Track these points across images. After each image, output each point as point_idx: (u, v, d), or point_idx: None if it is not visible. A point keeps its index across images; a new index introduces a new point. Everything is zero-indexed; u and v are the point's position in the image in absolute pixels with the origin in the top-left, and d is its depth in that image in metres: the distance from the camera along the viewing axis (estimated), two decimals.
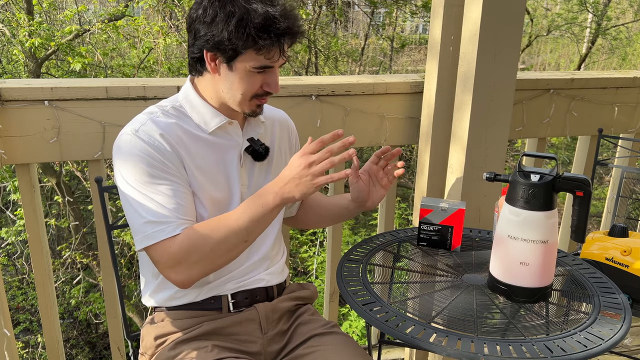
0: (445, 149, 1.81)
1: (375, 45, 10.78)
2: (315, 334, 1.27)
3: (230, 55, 1.13)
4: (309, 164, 1.07)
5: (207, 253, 1.12)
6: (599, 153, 2.11)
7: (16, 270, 6.16)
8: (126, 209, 1.16)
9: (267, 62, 1.14)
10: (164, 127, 1.18)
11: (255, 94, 1.18)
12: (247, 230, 1.13)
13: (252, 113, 1.22)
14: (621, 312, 1.15)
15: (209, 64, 1.16)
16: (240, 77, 1.15)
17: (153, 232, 1.12)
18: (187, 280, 1.15)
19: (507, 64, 1.63)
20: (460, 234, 1.43)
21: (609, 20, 9.95)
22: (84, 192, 6.68)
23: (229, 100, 1.20)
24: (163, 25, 6.30)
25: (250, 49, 1.11)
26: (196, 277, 1.16)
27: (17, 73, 7.01)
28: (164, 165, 1.15)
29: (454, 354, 1.00)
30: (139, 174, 1.13)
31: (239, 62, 1.14)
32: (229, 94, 1.18)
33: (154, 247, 1.13)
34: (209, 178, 1.22)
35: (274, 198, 1.11)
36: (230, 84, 1.17)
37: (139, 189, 1.13)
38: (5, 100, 1.52)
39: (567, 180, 1.15)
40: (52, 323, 1.77)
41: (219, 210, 1.22)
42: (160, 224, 1.11)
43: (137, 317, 5.86)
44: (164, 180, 1.14)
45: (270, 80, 1.18)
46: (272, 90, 1.19)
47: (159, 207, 1.12)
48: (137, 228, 1.14)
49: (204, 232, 1.12)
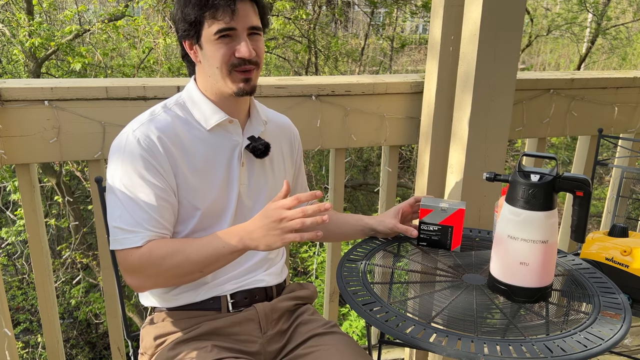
0: (445, 149, 1.81)
1: (375, 45, 10.78)
2: (315, 333, 1.27)
3: (194, 32, 1.17)
4: (280, 219, 1.04)
5: (161, 272, 1.15)
6: (599, 153, 2.11)
7: (16, 270, 6.16)
8: (107, 204, 1.20)
9: (223, 24, 1.14)
10: (163, 127, 1.19)
11: (230, 63, 1.17)
12: (204, 263, 1.13)
13: (240, 90, 1.20)
14: (621, 312, 1.15)
15: (190, 53, 1.21)
16: (211, 52, 1.17)
17: (121, 238, 1.15)
18: (140, 288, 1.21)
19: (507, 64, 1.63)
20: (460, 234, 1.43)
21: (609, 20, 9.95)
22: (84, 192, 6.68)
23: (217, 84, 1.20)
24: (163, 25, 6.29)
25: (205, 16, 1.14)
26: (149, 288, 1.23)
27: (17, 73, 7.01)
28: (152, 170, 1.16)
29: (454, 354, 1.00)
30: (125, 174, 1.16)
31: (204, 37, 1.17)
32: (213, 76, 1.20)
33: (119, 252, 1.17)
34: (204, 178, 1.22)
35: (238, 242, 1.10)
36: (209, 64, 1.18)
37: (121, 189, 1.15)
38: (5, 100, 1.52)
39: (567, 180, 1.15)
40: (52, 323, 1.77)
41: (212, 212, 1.23)
42: (128, 232, 1.14)
43: (137, 317, 5.85)
44: (146, 187, 1.15)
45: (239, 45, 1.16)
46: (243, 55, 1.16)
47: (132, 216, 1.15)
48: (109, 229, 1.19)
49: (164, 252, 1.14)
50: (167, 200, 1.18)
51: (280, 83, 1.73)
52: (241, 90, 1.21)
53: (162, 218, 1.17)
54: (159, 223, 1.16)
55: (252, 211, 1.28)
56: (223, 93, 1.22)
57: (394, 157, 1.98)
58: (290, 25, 7.81)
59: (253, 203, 1.30)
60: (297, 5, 7.60)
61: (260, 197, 1.31)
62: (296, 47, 8.51)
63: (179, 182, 1.19)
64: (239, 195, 1.26)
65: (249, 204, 1.29)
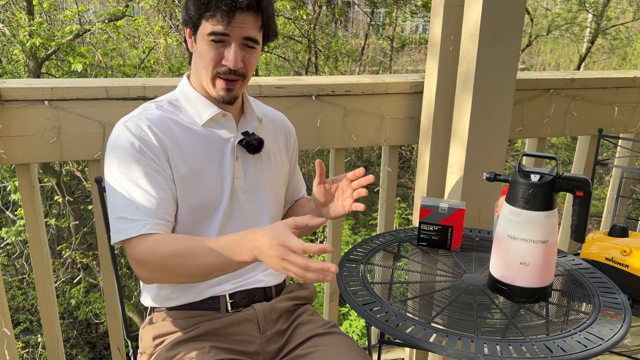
0: (445, 148, 1.81)
1: (375, 45, 10.78)
2: (315, 334, 1.27)
3: (192, 25, 1.19)
4: (282, 258, 1.00)
5: (166, 269, 1.13)
6: (599, 153, 2.11)
7: (16, 270, 6.16)
8: (108, 199, 1.19)
9: (216, 28, 1.15)
10: (155, 119, 1.20)
11: (215, 68, 1.18)
12: (211, 269, 1.11)
13: (221, 97, 1.21)
14: (621, 312, 1.15)
15: (188, 40, 1.23)
16: (202, 49, 1.18)
17: (123, 227, 1.14)
18: (148, 280, 1.19)
19: (507, 64, 1.63)
20: (460, 234, 1.43)
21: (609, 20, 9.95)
22: (84, 192, 6.68)
23: (204, 83, 1.22)
24: (164, 25, 6.30)
25: (204, 15, 1.15)
26: (156, 281, 1.22)
27: (17, 73, 7.01)
28: (147, 158, 1.16)
29: (454, 354, 1.00)
30: (122, 165, 1.16)
31: (199, 33, 1.18)
32: (200, 71, 1.21)
33: (125, 242, 1.15)
34: (196, 173, 1.22)
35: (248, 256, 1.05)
36: (200, 59, 1.20)
37: (119, 179, 1.15)
38: (5, 100, 1.52)
39: (567, 180, 1.15)
40: (52, 323, 1.77)
41: (204, 205, 1.23)
42: (131, 221, 1.13)
43: (137, 317, 5.85)
44: (145, 175, 1.15)
45: (228, 54, 1.17)
46: (229, 65, 1.17)
47: (134, 204, 1.14)
48: (112, 222, 1.17)
49: (170, 250, 1.11)
50: (167, 185, 1.18)
51: (280, 83, 1.73)
52: (220, 98, 1.21)
53: (163, 204, 1.16)
54: (162, 210, 1.16)
55: (248, 204, 1.28)
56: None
57: (394, 157, 1.98)
58: (290, 25, 7.82)
59: (251, 197, 1.29)
60: (297, 5, 7.60)
61: (261, 192, 1.31)
62: (296, 47, 8.51)
63: (174, 170, 1.19)
64: (233, 188, 1.26)
65: (245, 198, 1.28)
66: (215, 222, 1.24)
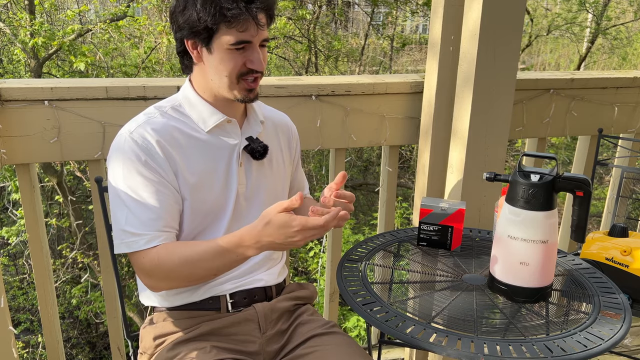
0: (445, 149, 1.81)
1: (375, 45, 10.77)
2: (315, 334, 1.27)
3: (205, 36, 1.13)
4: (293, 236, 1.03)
5: (172, 278, 1.16)
6: (599, 153, 2.11)
7: (16, 270, 6.16)
8: (111, 208, 1.19)
9: (242, 36, 1.13)
10: (160, 129, 1.19)
11: (239, 72, 1.17)
12: (217, 269, 1.15)
13: (245, 98, 1.21)
14: (621, 312, 1.15)
15: (192, 52, 1.18)
16: (221, 58, 1.15)
17: (129, 241, 1.15)
18: (156, 289, 1.21)
19: (507, 63, 1.63)
20: (460, 234, 1.43)
21: (609, 20, 9.94)
22: (84, 192, 6.68)
23: (219, 89, 1.20)
24: (166, 25, 6.29)
25: (222, 24, 1.11)
26: (165, 289, 1.22)
27: (18, 73, 7.01)
28: (152, 171, 1.16)
29: (454, 354, 1.00)
30: (127, 177, 1.15)
31: (216, 43, 1.14)
32: (217, 81, 1.18)
33: (129, 254, 1.17)
34: (203, 181, 1.22)
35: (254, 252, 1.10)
36: (215, 69, 1.17)
37: (125, 190, 1.15)
38: (6, 100, 1.52)
39: (567, 180, 1.15)
40: (52, 323, 1.77)
41: (211, 212, 1.23)
42: (135, 235, 1.14)
43: (137, 317, 5.85)
44: (150, 187, 1.15)
45: (252, 56, 1.16)
46: (256, 68, 1.17)
47: (137, 218, 1.14)
48: (115, 232, 1.18)
49: (175, 260, 1.13)
50: (171, 198, 1.18)
51: (281, 83, 1.73)
52: (246, 98, 1.21)
53: (167, 217, 1.16)
54: (165, 223, 1.16)
55: (248, 210, 1.28)
56: (222, 96, 1.22)
57: (394, 157, 1.98)
58: (291, 25, 7.81)
59: (249, 203, 1.29)
60: (297, 5, 7.60)
61: (259, 197, 1.31)
62: (296, 47, 8.51)
63: (179, 182, 1.20)
64: (237, 196, 1.26)
65: (246, 204, 1.29)
66: (221, 228, 1.25)
